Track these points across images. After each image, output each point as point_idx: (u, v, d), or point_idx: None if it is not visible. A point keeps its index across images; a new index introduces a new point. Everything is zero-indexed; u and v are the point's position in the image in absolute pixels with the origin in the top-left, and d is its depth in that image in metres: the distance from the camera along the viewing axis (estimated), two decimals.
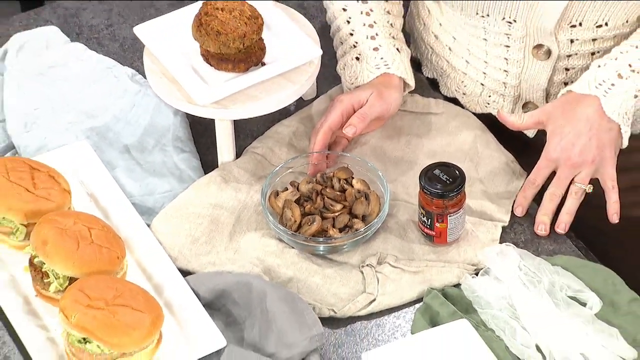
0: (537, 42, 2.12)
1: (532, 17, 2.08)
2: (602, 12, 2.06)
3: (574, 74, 2.15)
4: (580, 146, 2.02)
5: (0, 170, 2.06)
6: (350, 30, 2.17)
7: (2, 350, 1.96)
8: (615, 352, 1.91)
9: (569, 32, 2.10)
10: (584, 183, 2.04)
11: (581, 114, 2.02)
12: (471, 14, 2.12)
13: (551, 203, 2.06)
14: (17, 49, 2.33)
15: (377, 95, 2.12)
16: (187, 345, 1.94)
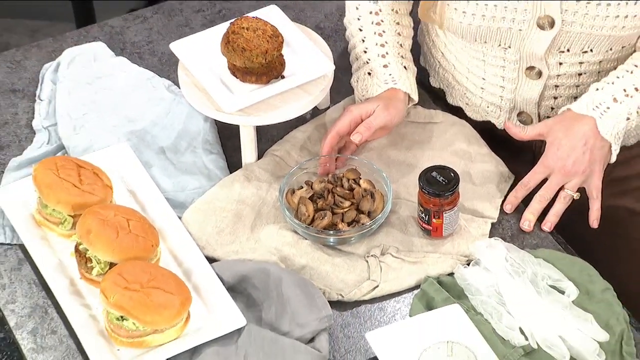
0: (529, 64, 2.11)
1: (524, 45, 2.07)
2: (587, 41, 2.05)
3: (563, 90, 2.14)
4: (574, 158, 2.01)
5: (51, 168, 2.05)
6: (364, 48, 2.16)
7: (50, 325, 1.97)
8: (590, 335, 1.90)
9: (558, 57, 2.09)
10: (573, 190, 2.04)
11: (578, 130, 2.01)
12: (471, 40, 2.11)
13: (539, 204, 2.06)
14: (68, 62, 2.33)
15: (383, 107, 2.11)
16: (211, 324, 1.93)
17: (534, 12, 2.03)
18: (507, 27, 2.05)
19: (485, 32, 2.08)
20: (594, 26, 2.02)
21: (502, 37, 2.08)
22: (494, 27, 2.06)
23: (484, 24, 2.06)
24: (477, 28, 2.07)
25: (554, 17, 2.02)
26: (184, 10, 2.46)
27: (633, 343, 1.92)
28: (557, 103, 2.16)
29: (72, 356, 1.93)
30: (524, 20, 2.04)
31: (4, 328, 1.98)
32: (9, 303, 2.00)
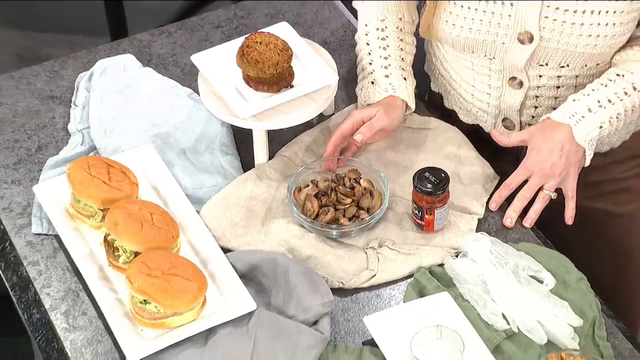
0: (511, 75, 2.10)
1: (507, 57, 2.06)
2: (563, 57, 2.04)
3: (543, 101, 2.13)
4: (552, 161, 2.00)
5: (83, 167, 2.05)
6: (369, 61, 2.16)
7: (81, 307, 1.97)
8: (565, 321, 1.90)
9: (538, 69, 2.07)
10: (551, 190, 2.03)
11: (556, 137, 2.00)
12: (460, 50, 2.10)
13: (521, 203, 2.05)
14: (100, 72, 2.32)
15: (383, 111, 2.10)
16: (225, 308, 1.93)
17: (515, 28, 2.02)
18: (492, 40, 2.04)
19: (472, 44, 2.07)
20: (569, 43, 2.01)
21: (487, 49, 2.07)
22: (480, 39, 2.05)
23: (470, 36, 2.05)
24: (465, 39, 2.07)
25: (533, 33, 2.01)
26: (205, 26, 2.46)
27: (604, 328, 1.91)
28: (538, 112, 2.15)
29: (101, 335, 1.93)
30: (506, 34, 2.03)
31: (40, 309, 1.97)
32: (44, 287, 2.00)
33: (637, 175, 2.25)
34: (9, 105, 2.31)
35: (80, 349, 1.91)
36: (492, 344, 1.88)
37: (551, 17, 1.99)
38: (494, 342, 1.88)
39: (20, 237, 2.08)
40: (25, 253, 2.05)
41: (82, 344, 1.92)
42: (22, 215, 2.11)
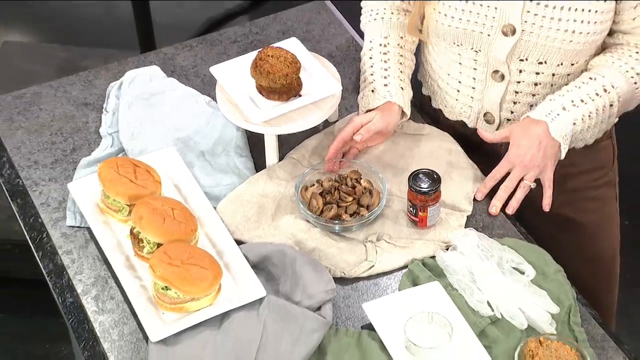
0: (494, 68, 2.08)
1: (491, 49, 2.05)
2: (541, 53, 2.02)
3: (522, 97, 2.11)
4: (531, 155, 1.99)
5: (112, 166, 2.05)
6: (371, 72, 2.15)
7: (109, 292, 1.97)
8: (544, 308, 1.89)
9: (518, 64, 2.06)
10: (530, 181, 2.02)
11: (534, 133, 1.99)
12: (450, 42, 2.08)
13: (504, 193, 2.04)
14: (129, 81, 2.32)
15: (380, 116, 2.10)
16: (238, 294, 1.92)
17: (500, 20, 2.00)
18: (479, 31, 2.03)
19: (461, 34, 2.05)
20: (548, 37, 1.99)
21: (474, 41, 2.05)
22: (469, 29, 2.03)
23: (460, 26, 2.03)
24: (455, 30, 2.05)
25: (516, 26, 1.99)
26: (223, 41, 2.45)
27: (579, 315, 1.90)
28: (516, 108, 2.13)
29: (127, 318, 1.93)
30: (492, 26, 2.01)
31: (73, 294, 1.98)
32: (77, 274, 2.00)
33: (602, 185, 2.24)
34: (47, 111, 2.31)
35: (108, 329, 1.91)
36: (477, 329, 1.87)
37: (533, 11, 1.97)
38: (480, 327, 1.88)
39: (55, 229, 2.08)
40: (60, 243, 2.05)
41: (110, 325, 1.92)
42: (58, 210, 2.11)
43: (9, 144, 2.24)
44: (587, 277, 2.07)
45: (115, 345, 1.89)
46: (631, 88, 2.01)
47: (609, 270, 2.31)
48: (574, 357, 1.79)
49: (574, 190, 2.20)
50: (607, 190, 2.24)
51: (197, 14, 3.84)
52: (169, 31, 3.50)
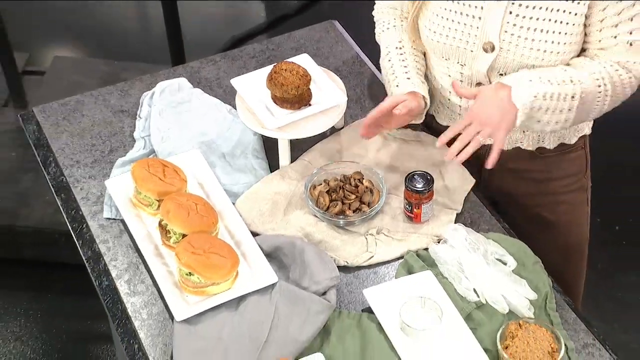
0: (477, 80, 2.04)
1: (474, 64, 2.01)
2: (518, 68, 1.98)
3: None
4: (490, 113, 1.91)
5: (144, 166, 2.05)
6: (393, 72, 2.10)
7: (140, 277, 1.97)
8: (523, 295, 1.88)
9: (498, 77, 2.02)
10: (484, 137, 1.92)
11: (498, 95, 1.91)
12: (439, 56, 2.05)
13: (460, 143, 1.93)
14: (160, 91, 2.30)
15: (411, 97, 2.03)
16: (253, 280, 1.92)
17: (481, 38, 1.97)
18: (463, 47, 1.99)
19: (448, 50, 2.02)
20: (522, 55, 1.95)
21: (459, 56, 2.01)
22: (454, 45, 2.00)
23: (447, 42, 2.00)
24: (443, 45, 2.01)
25: (494, 43, 1.96)
26: (243, 56, 2.44)
27: (554, 301, 1.89)
28: None
29: (155, 299, 1.92)
30: (474, 43, 1.98)
31: (108, 278, 1.97)
32: (112, 260, 1.99)
33: (575, 190, 2.20)
34: (89, 117, 2.30)
35: (138, 309, 1.91)
36: (464, 313, 1.86)
37: (509, 31, 1.94)
38: (466, 311, 1.86)
39: (94, 221, 2.07)
40: (97, 233, 2.05)
41: (140, 306, 1.92)
42: (96, 204, 2.11)
43: (55, 146, 2.24)
44: (560, 268, 2.04)
45: (144, 324, 1.89)
46: (594, 90, 1.94)
47: (578, 262, 2.29)
48: (549, 338, 1.78)
49: (551, 193, 2.17)
50: (580, 194, 2.21)
51: (221, 33, 3.86)
52: (197, 48, 3.50)
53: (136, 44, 3.89)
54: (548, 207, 2.17)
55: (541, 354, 1.76)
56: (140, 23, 4.06)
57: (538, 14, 1.91)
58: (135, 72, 3.30)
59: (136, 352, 1.86)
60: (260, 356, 1.81)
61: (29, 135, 2.29)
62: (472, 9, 1.95)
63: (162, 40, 3.31)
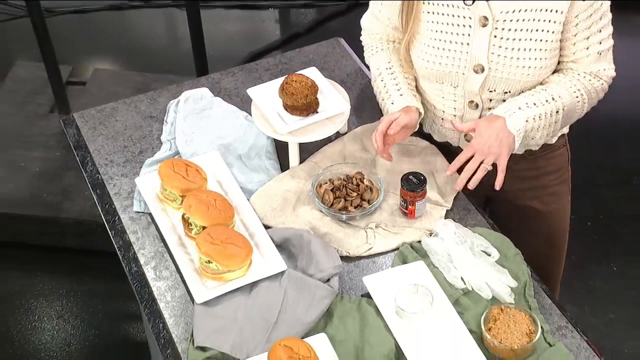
0: (470, 99, 2.02)
1: (466, 85, 1.98)
2: (505, 85, 1.96)
3: None
4: (490, 144, 1.89)
5: (169, 166, 2.02)
6: (386, 90, 2.07)
7: (165, 264, 1.94)
8: (505, 283, 1.86)
9: (488, 94, 1.99)
10: (488, 165, 1.91)
11: (494, 125, 1.90)
12: (432, 81, 2.02)
13: (467, 173, 1.92)
14: (184, 99, 2.28)
15: (404, 114, 2.00)
16: (265, 268, 1.89)
17: (471, 61, 1.94)
18: (455, 71, 1.97)
19: (441, 74, 1.99)
20: (509, 72, 1.93)
21: (452, 79, 1.98)
22: (447, 70, 1.97)
23: (440, 69, 1.98)
24: (437, 72, 1.99)
25: (484, 65, 1.94)
26: (258, 69, 2.41)
27: (532, 288, 1.86)
28: None
29: (178, 284, 1.90)
30: (465, 66, 1.95)
31: (137, 264, 1.95)
32: (140, 249, 1.98)
33: (560, 182, 2.17)
34: (122, 122, 2.28)
35: (163, 293, 1.89)
36: (453, 299, 1.83)
37: (496, 52, 1.92)
38: (454, 297, 1.84)
39: (125, 214, 2.05)
40: (128, 224, 2.03)
41: (165, 290, 1.90)
42: (127, 198, 2.09)
43: (92, 147, 2.22)
44: (546, 254, 2.02)
45: (169, 305, 1.87)
46: (574, 101, 1.94)
47: (559, 249, 2.26)
48: (527, 321, 1.76)
49: (540, 187, 2.14)
50: (563, 187, 2.19)
51: (240, 49, 3.86)
52: (219, 61, 3.49)
53: (166, 58, 3.89)
54: (538, 198, 2.13)
55: (520, 335, 1.74)
56: (169, 40, 4.06)
57: (519, 35, 1.89)
58: (164, 82, 3.28)
59: (161, 330, 1.85)
60: (271, 335, 1.79)
61: (70, 138, 2.28)
62: (460, 37, 1.92)
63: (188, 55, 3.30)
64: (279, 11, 4.10)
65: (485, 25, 1.89)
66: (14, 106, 3.50)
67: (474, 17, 1.89)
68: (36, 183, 3.23)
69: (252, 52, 3.82)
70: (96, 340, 2.95)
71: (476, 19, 1.89)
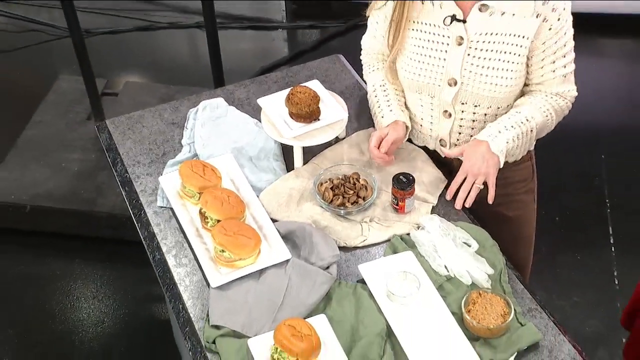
0: (444, 109, 1.98)
1: (441, 96, 1.95)
2: (475, 99, 1.93)
3: (464, 129, 2.01)
4: (478, 166, 1.89)
5: (188, 166, 1.99)
6: (378, 105, 2.05)
7: (184, 252, 1.91)
8: (483, 270, 1.83)
9: (460, 106, 1.96)
10: (479, 184, 1.91)
11: (480, 150, 1.89)
12: (413, 90, 1.99)
13: (463, 193, 1.92)
14: (202, 108, 2.25)
15: (392, 130, 1.99)
16: (271, 256, 1.86)
17: (446, 75, 1.92)
18: (432, 83, 1.94)
19: (420, 85, 1.96)
20: (479, 88, 1.91)
21: (429, 90, 1.96)
22: (425, 82, 1.95)
23: (420, 80, 1.95)
24: (416, 82, 1.96)
25: (457, 79, 1.91)
26: (268, 82, 2.38)
27: (507, 275, 1.83)
28: (460, 136, 2.03)
29: (195, 270, 1.87)
30: (441, 79, 1.93)
31: (160, 252, 1.92)
32: (163, 239, 1.94)
33: (525, 192, 2.14)
34: (148, 128, 2.25)
35: (183, 278, 1.86)
36: (437, 284, 1.80)
37: (468, 69, 1.89)
38: (438, 283, 1.81)
39: (150, 208, 2.02)
40: (152, 218, 2.00)
41: (184, 275, 1.87)
42: (152, 195, 2.05)
43: (121, 150, 2.19)
44: (513, 253, 1.98)
45: (187, 289, 1.84)
46: (544, 119, 1.93)
47: (527, 249, 2.23)
48: (502, 304, 1.74)
49: (507, 195, 2.10)
50: (529, 195, 2.15)
51: (252, 64, 3.84)
52: (233, 75, 3.46)
53: (187, 72, 3.88)
54: (505, 205, 2.10)
55: (495, 316, 1.72)
56: (191, 57, 4.05)
57: (490, 55, 1.87)
58: (186, 93, 3.26)
59: (180, 310, 1.82)
60: (277, 316, 1.76)
61: (102, 142, 2.25)
62: (439, 52, 1.90)
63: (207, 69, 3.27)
64: (287, 31, 4.08)
65: (460, 44, 1.87)
66: (56, 115, 3.50)
67: (451, 37, 1.87)
68: (74, 181, 3.22)
69: (263, 67, 3.80)
70: (126, 318, 2.93)
71: (453, 38, 1.87)
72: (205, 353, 1.74)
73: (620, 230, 3.04)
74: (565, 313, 2.81)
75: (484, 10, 1.83)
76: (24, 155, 3.29)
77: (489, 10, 1.83)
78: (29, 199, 3.14)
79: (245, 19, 4.11)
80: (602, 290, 2.86)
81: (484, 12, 1.84)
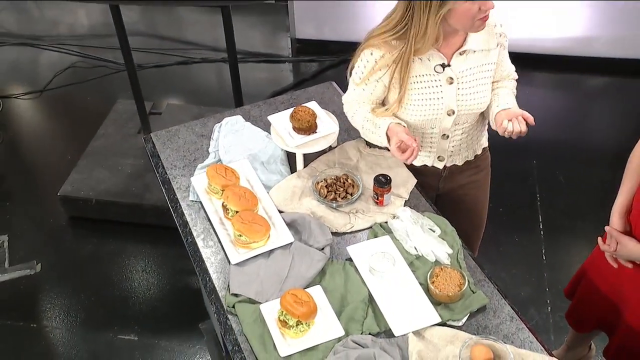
0: (443, 133, 1.92)
1: (442, 124, 1.89)
2: (467, 118, 1.90)
3: (455, 143, 1.94)
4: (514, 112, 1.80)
5: (213, 169, 1.93)
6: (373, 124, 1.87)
7: (210, 236, 1.85)
8: (444, 250, 1.77)
9: (455, 127, 1.92)
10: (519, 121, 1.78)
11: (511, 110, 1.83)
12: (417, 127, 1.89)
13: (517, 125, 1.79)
14: (225, 123, 2.19)
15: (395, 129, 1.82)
16: (278, 240, 1.81)
17: (444, 108, 1.86)
18: (434, 117, 1.87)
19: (424, 121, 1.88)
20: (469, 109, 1.87)
21: (430, 123, 1.89)
22: (428, 118, 1.88)
23: (423, 118, 1.88)
24: (421, 121, 1.88)
25: (454, 109, 1.86)
26: (276, 103, 2.31)
27: (462, 254, 1.77)
28: (453, 152, 1.98)
29: (219, 250, 1.81)
30: (440, 112, 1.87)
31: (192, 236, 1.86)
32: (193, 226, 1.88)
33: (485, 177, 2.08)
34: (182, 139, 2.19)
35: (209, 257, 1.80)
36: (408, 261, 1.75)
37: (461, 100, 1.86)
38: (409, 260, 1.75)
39: (184, 202, 1.96)
40: (185, 209, 1.94)
41: (210, 254, 1.81)
42: (185, 191, 1.99)
43: (162, 156, 2.12)
44: (470, 231, 1.93)
45: (213, 265, 1.78)
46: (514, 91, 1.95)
47: (480, 226, 2.18)
48: (459, 276, 1.69)
49: (473, 182, 2.05)
50: (485, 180, 2.10)
51: (265, 89, 3.81)
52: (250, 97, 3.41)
53: (214, 96, 3.85)
54: (473, 189, 2.06)
55: (454, 286, 1.67)
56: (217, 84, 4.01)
57: (474, 83, 1.85)
58: (213, 112, 3.21)
59: (207, 282, 1.76)
60: (282, 286, 1.71)
61: (148, 150, 2.19)
62: (436, 93, 1.85)
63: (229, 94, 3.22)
64: (292, 64, 4.06)
65: (451, 83, 1.83)
66: (115, 129, 3.47)
67: (442, 79, 1.83)
68: (128, 180, 3.17)
69: (274, 92, 3.78)
70: (167, 287, 2.88)
71: (444, 79, 1.83)
72: (227, 315, 1.68)
73: (547, 218, 3.04)
74: (506, 283, 2.79)
75: (463, 53, 1.81)
76: (91, 161, 3.28)
77: (466, 52, 1.81)
78: (95, 194, 3.12)
79: (260, 55, 4.08)
80: (533, 264, 2.84)
81: (462, 55, 1.81)
